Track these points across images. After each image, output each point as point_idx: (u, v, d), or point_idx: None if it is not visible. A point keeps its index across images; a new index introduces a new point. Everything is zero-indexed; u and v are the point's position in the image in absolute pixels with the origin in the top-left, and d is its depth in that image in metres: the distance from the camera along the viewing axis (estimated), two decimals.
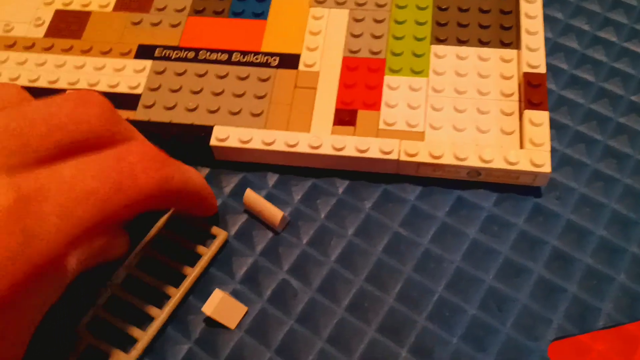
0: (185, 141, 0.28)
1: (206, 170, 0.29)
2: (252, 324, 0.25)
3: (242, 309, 0.25)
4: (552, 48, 0.31)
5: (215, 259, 0.26)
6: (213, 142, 0.27)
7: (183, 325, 0.25)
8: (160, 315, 0.25)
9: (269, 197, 0.28)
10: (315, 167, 0.28)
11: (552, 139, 0.28)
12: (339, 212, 0.27)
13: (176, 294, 0.25)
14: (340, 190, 0.28)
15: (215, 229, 0.27)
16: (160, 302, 0.25)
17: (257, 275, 0.26)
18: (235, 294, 0.25)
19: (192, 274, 0.25)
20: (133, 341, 0.24)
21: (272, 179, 0.28)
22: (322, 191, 0.28)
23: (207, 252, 0.26)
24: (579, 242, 0.26)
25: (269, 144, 0.27)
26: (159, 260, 0.26)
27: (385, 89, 0.29)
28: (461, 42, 0.30)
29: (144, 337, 0.24)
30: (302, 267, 0.26)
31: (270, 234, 0.27)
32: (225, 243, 0.27)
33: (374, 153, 0.26)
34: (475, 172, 0.26)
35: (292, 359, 0.24)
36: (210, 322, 0.25)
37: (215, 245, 0.26)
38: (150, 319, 0.25)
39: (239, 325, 0.25)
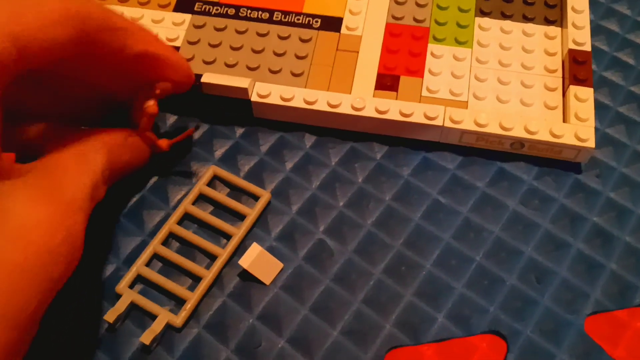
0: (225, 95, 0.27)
1: (243, 129, 0.28)
2: (288, 281, 0.24)
3: (278, 265, 0.25)
4: (593, 30, 0.31)
5: None
6: (254, 98, 0.27)
7: (217, 278, 0.24)
8: (208, 276, 0.24)
9: (306, 158, 0.27)
10: (355, 130, 0.28)
11: None
12: (377, 177, 0.27)
13: (222, 254, 0.24)
14: (379, 155, 0.27)
15: (258, 190, 0.26)
16: (201, 260, 0.25)
17: (294, 234, 0.25)
18: (271, 251, 0.25)
19: (238, 234, 0.25)
20: (177, 299, 0.24)
21: (309, 140, 0.28)
22: (360, 155, 0.27)
23: (251, 213, 0.25)
24: (618, 220, 0.26)
25: (311, 103, 0.27)
26: (201, 219, 0.26)
27: (428, 57, 0.29)
28: (505, 17, 0.30)
29: (191, 297, 0.23)
30: (338, 229, 0.26)
31: (308, 194, 0.26)
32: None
33: (418, 118, 0.26)
34: (519, 144, 0.26)
35: (327, 317, 0.24)
36: (244, 276, 0.24)
37: (260, 205, 0.26)
38: (193, 277, 0.24)
39: (273, 282, 0.24)
